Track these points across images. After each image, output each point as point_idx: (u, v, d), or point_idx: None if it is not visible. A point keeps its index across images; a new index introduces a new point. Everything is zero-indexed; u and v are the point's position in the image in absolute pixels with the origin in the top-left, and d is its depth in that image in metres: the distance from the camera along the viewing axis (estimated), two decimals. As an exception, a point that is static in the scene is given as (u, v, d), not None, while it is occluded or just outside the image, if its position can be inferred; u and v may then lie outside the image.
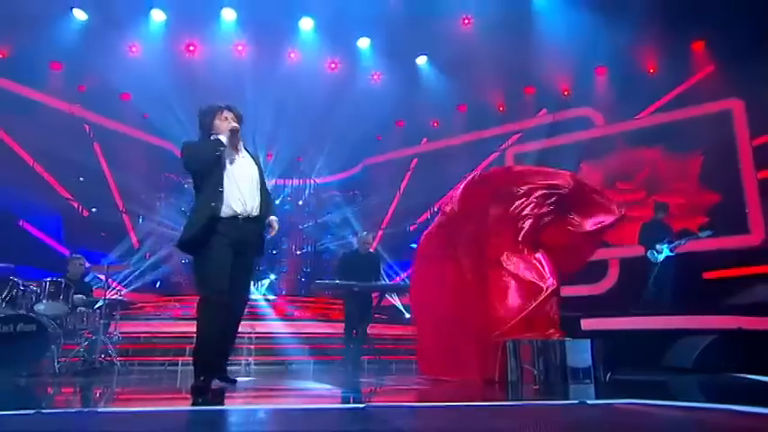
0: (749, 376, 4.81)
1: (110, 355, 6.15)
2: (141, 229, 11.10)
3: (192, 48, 11.23)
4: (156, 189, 11.57)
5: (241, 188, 3.46)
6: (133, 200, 11.08)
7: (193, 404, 3.07)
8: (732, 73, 9.18)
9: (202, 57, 11.23)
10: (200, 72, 10.95)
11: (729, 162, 9.27)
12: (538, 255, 4.73)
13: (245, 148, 3.65)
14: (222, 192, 3.37)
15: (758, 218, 8.90)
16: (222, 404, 3.13)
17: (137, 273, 9.89)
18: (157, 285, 10.79)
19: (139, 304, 9.24)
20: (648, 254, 7.68)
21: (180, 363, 6.73)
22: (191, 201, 11.93)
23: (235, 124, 3.53)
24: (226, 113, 3.61)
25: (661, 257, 7.52)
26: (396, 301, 10.36)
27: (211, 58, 11.12)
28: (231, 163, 3.49)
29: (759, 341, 6.04)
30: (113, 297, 6.71)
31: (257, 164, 3.65)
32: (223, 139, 3.45)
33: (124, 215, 11.16)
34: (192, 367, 3.44)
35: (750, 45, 8.50)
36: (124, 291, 7.90)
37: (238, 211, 3.40)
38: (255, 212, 3.48)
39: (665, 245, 7.52)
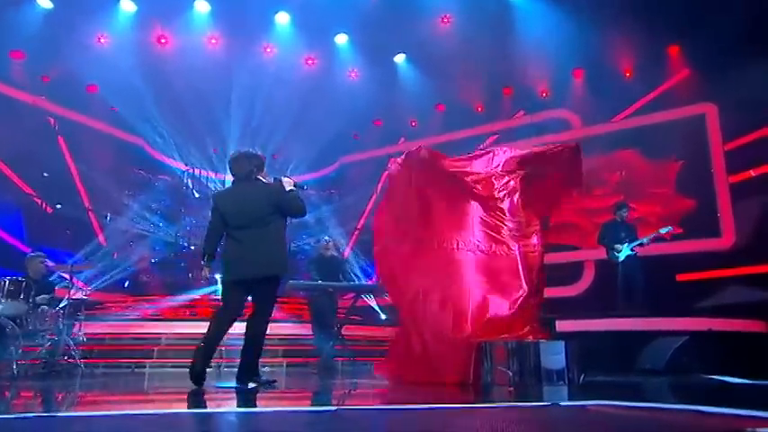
0: (719, 377, 4.94)
1: (73, 357, 6.01)
2: (109, 228, 10.87)
3: (163, 40, 11.06)
4: (125, 186, 11.34)
5: None
6: (100, 197, 10.84)
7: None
8: (706, 77, 9.46)
9: (174, 49, 11.07)
10: (172, 65, 10.80)
11: (702, 166, 9.52)
12: (514, 248, 4.70)
13: None
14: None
15: (729, 221, 9.16)
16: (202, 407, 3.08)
17: (104, 272, 9.69)
18: (126, 285, 10.59)
19: (106, 304, 9.07)
20: (609, 254, 7.72)
21: (147, 365, 6.62)
22: (162, 199, 11.90)
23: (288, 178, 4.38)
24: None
25: (622, 256, 7.51)
26: (372, 301, 10.37)
27: (184, 50, 10.97)
28: None
29: (729, 342, 6.23)
30: (78, 297, 6.55)
31: None
32: (294, 187, 4.29)
33: (90, 213, 10.91)
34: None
35: (723, 50, 8.74)
36: (89, 290, 7.74)
37: None
38: None
39: (626, 244, 7.52)
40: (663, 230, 7.54)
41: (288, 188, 4.24)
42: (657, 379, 5.37)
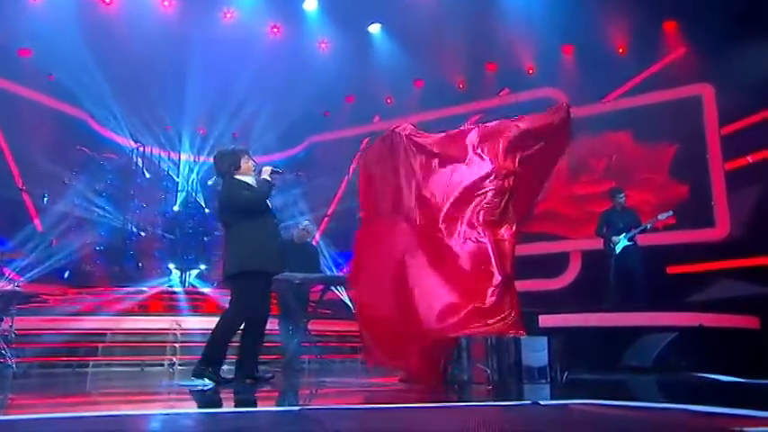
0: (709, 375, 5.10)
1: (2, 356, 5.88)
2: (47, 211, 10.60)
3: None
4: (66, 164, 11.05)
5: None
6: (36, 176, 10.53)
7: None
8: (704, 56, 9.61)
9: (121, 10, 10.75)
10: (119, 29, 10.50)
11: (697, 151, 9.72)
12: (485, 237, 4.72)
13: None
14: (278, 223, 4.71)
15: (724, 211, 9.37)
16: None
17: (40, 261, 9.47)
18: (66, 275, 10.38)
19: (42, 297, 8.88)
20: (606, 246, 7.83)
21: (91, 364, 6.52)
22: (108, 179, 11.66)
23: (270, 167, 4.70)
24: (247, 156, 4.73)
25: (618, 248, 7.63)
26: (341, 294, 10.37)
27: (132, 13, 10.66)
28: None
29: (721, 339, 6.43)
30: (8, 289, 6.40)
31: None
32: (268, 178, 4.58)
33: (24, 193, 10.60)
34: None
35: (723, 26, 8.89)
36: (22, 281, 7.58)
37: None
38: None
39: (622, 235, 7.61)
40: (662, 216, 7.64)
41: (264, 177, 4.62)
42: (645, 377, 5.52)
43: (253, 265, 4.46)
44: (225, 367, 4.57)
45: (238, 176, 4.62)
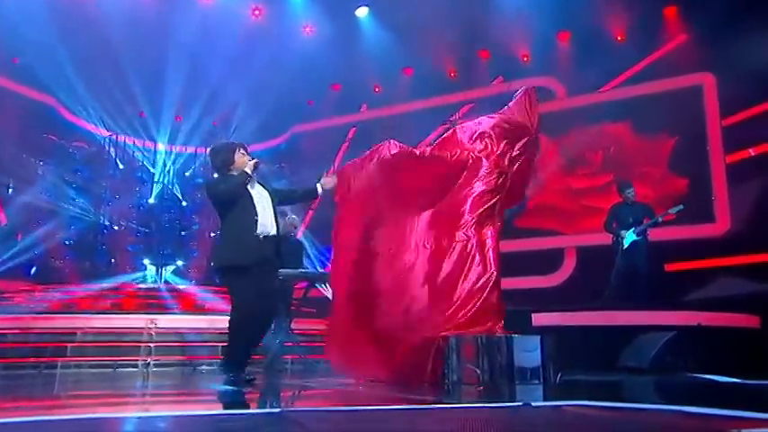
0: (708, 376, 5.17)
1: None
2: (11, 203, 10.49)
3: (79, -21, 10.61)
4: (33, 153, 10.95)
5: (264, 211, 4.63)
6: (0, 165, 10.42)
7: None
8: (705, 44, 9.66)
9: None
10: (90, 9, 10.36)
11: (698, 144, 9.79)
12: (473, 236, 4.80)
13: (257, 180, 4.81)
14: (255, 216, 4.53)
15: (725, 206, 9.46)
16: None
17: (3, 255, 9.39)
18: (32, 272, 10.30)
19: (6, 294, 8.85)
20: (614, 242, 7.82)
21: (59, 365, 6.48)
22: (78, 169, 11.57)
23: (256, 159, 4.74)
24: (243, 150, 4.77)
25: (626, 243, 7.62)
26: (326, 291, 10.37)
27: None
28: (250, 190, 4.64)
29: (720, 338, 6.50)
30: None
31: (268, 190, 4.81)
32: (248, 170, 4.61)
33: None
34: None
35: (727, 13, 8.94)
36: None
37: (261, 232, 4.53)
38: (273, 232, 4.64)
39: (631, 230, 7.63)
40: (673, 210, 7.66)
41: (244, 169, 4.68)
42: (641, 378, 5.58)
43: (229, 260, 4.54)
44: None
45: (233, 172, 4.67)
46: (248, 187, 4.63)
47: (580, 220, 10.13)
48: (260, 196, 4.69)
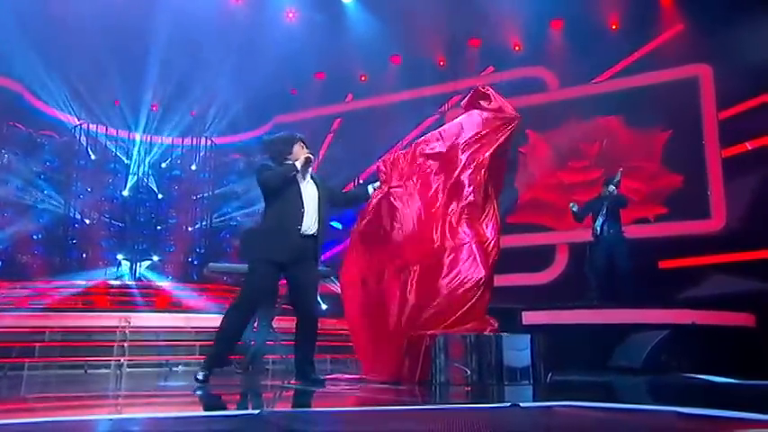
0: (702, 376, 5.22)
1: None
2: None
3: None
4: (-2, 143, 10.83)
5: (310, 208, 4.64)
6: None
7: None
8: (702, 34, 9.74)
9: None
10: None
11: (693, 137, 9.87)
12: (468, 237, 4.83)
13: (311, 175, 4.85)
14: (301, 209, 4.56)
15: (720, 201, 9.55)
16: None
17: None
18: (-2, 267, 10.22)
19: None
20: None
21: (26, 366, 6.41)
22: (48, 160, 11.44)
23: (310, 154, 4.70)
24: (302, 143, 4.76)
25: (597, 226, 7.63)
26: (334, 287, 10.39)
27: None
28: (300, 184, 4.65)
29: (715, 337, 6.57)
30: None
31: (319, 186, 4.78)
32: (298, 164, 4.60)
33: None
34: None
35: (724, 3, 9.02)
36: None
37: (305, 229, 4.56)
38: (313, 231, 4.62)
39: (599, 220, 7.65)
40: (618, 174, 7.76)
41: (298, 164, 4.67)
42: (634, 378, 5.62)
43: (255, 252, 4.60)
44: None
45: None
46: (298, 181, 4.61)
47: (571, 215, 10.18)
48: (310, 192, 4.68)
